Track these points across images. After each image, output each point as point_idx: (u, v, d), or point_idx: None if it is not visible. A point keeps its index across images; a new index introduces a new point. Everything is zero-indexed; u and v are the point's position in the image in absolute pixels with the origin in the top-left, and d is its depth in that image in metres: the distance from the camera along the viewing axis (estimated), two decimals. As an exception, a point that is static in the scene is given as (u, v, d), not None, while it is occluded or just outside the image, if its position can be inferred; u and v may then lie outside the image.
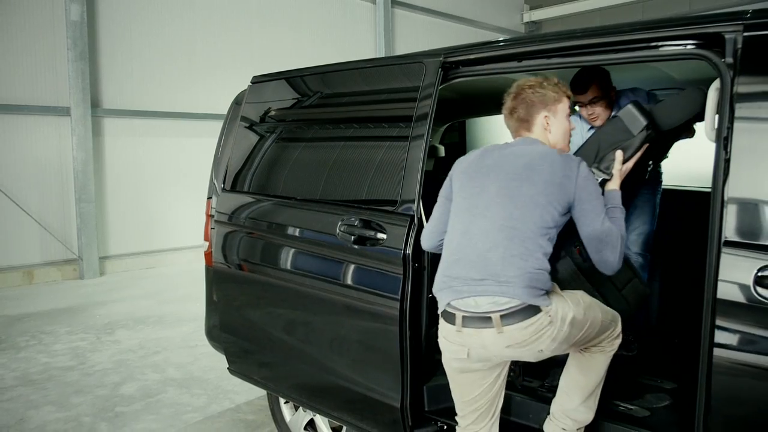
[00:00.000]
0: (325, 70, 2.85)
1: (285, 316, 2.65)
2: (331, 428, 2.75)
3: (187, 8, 8.56)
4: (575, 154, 2.18)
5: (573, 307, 1.88)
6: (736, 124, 1.64)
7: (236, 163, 3.01)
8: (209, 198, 3.11)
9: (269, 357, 2.73)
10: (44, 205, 7.42)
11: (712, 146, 1.75)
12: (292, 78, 3.00)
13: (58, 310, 5.90)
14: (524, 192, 1.84)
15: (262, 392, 3.53)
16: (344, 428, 2.62)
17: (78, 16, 7.36)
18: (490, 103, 3.06)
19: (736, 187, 1.62)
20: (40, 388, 3.86)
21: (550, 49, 2.10)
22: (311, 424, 2.85)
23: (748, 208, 1.61)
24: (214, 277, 2.97)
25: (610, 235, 1.83)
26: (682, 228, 3.27)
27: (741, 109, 1.64)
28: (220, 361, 3.99)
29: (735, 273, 1.60)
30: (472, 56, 2.25)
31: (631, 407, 2.23)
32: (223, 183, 3.02)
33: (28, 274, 7.24)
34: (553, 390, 2.24)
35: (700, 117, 2.31)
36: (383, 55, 10.96)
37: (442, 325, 1.89)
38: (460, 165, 2.03)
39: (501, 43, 2.24)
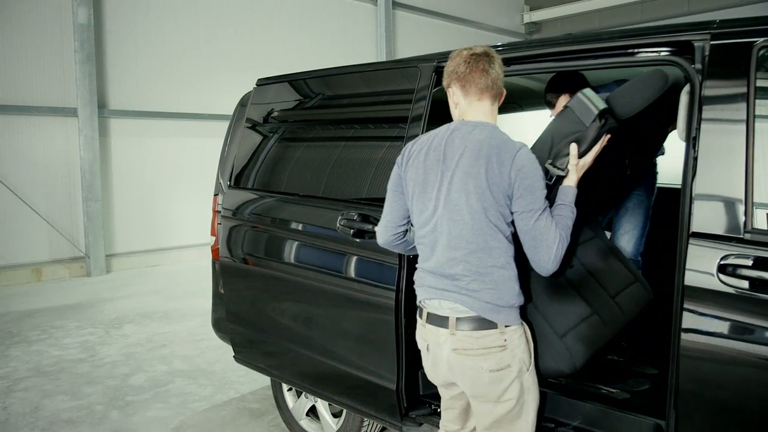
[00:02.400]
0: (327, 74, 3.00)
1: (288, 307, 2.80)
2: (332, 413, 2.90)
3: (191, 11, 8.72)
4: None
5: (531, 374, 1.85)
6: (703, 125, 1.78)
7: (242, 161, 3.16)
8: (216, 195, 3.26)
9: (273, 346, 2.88)
10: (52, 203, 7.58)
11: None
12: (295, 81, 3.15)
13: (66, 306, 6.06)
14: (473, 189, 1.75)
15: (266, 382, 3.68)
16: (344, 412, 2.76)
17: (85, 20, 7.53)
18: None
19: (702, 184, 1.77)
20: (53, 379, 4.01)
21: (536, 55, 2.25)
22: (313, 410, 3.00)
23: (713, 203, 1.76)
24: (221, 271, 3.13)
25: (546, 234, 1.72)
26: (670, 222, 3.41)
27: (707, 111, 1.78)
28: (225, 353, 4.16)
29: (700, 262, 1.75)
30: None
31: (613, 390, 2.37)
32: (230, 180, 3.17)
33: (37, 272, 7.41)
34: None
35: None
36: (384, 56, 11.11)
37: (418, 316, 1.95)
38: (411, 155, 1.92)
39: (494, 49, 2.38)
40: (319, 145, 2.93)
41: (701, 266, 1.75)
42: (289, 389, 3.10)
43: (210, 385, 3.90)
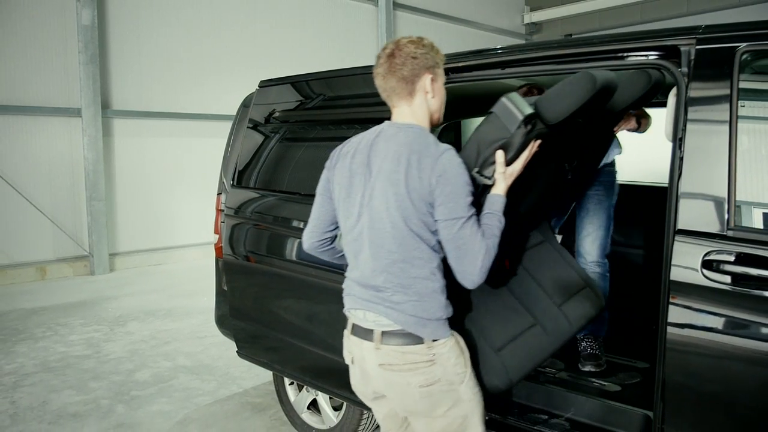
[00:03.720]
0: (328, 75, 3.07)
1: (290, 303, 2.87)
2: (333, 407, 2.97)
3: (193, 13, 8.80)
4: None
5: (468, 386, 1.75)
6: (689, 126, 1.86)
7: (244, 161, 3.24)
8: (219, 194, 3.34)
9: (275, 341, 2.96)
10: (56, 203, 7.67)
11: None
12: (297, 82, 3.22)
13: (71, 304, 6.14)
14: (392, 196, 1.66)
15: (268, 378, 3.75)
16: (345, 405, 2.84)
17: (89, 21, 7.61)
18: (483, 104, 3.28)
19: (687, 183, 1.84)
20: (59, 374, 4.10)
21: (529, 58, 2.32)
22: (314, 403, 3.07)
23: (698, 201, 1.83)
24: (224, 268, 3.20)
25: (470, 244, 1.61)
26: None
27: (692, 113, 1.86)
28: (228, 350, 4.23)
29: (685, 258, 1.82)
30: (459, 64, 2.47)
31: (605, 383, 2.45)
32: (232, 180, 3.25)
33: (41, 270, 7.49)
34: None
35: (637, 105, 2.35)
36: (385, 57, 11.17)
37: (346, 327, 1.86)
38: (336, 159, 1.85)
39: (485, 53, 2.46)
40: (320, 145, 3.01)
41: (686, 262, 1.82)
42: (291, 383, 3.18)
43: (213, 380, 3.98)
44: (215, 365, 4.26)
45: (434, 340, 1.69)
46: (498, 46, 2.50)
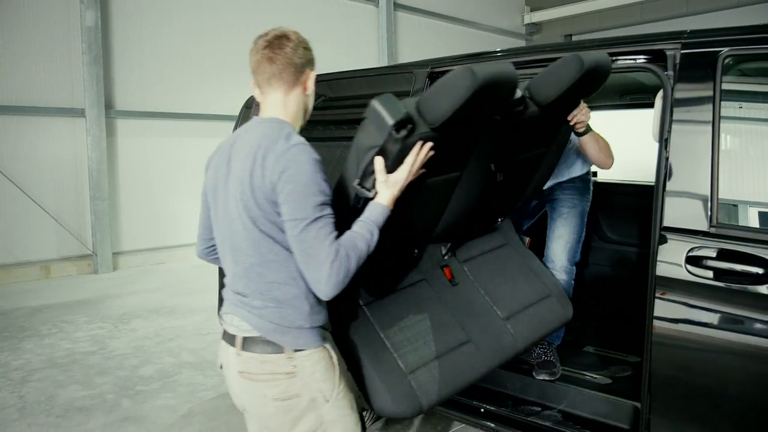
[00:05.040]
0: (330, 78, 3.16)
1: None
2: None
3: (195, 14, 8.88)
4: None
5: (335, 406, 1.61)
6: (674, 126, 1.93)
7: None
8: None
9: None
10: (60, 202, 7.76)
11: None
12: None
13: (75, 302, 6.23)
14: (240, 196, 1.58)
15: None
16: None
17: (92, 22, 7.69)
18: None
19: (672, 182, 1.92)
20: (65, 370, 4.18)
21: (523, 61, 2.40)
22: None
23: (682, 199, 1.91)
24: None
25: (315, 249, 1.47)
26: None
27: (678, 114, 1.93)
28: (231, 345, 4.30)
29: (670, 254, 1.90)
30: (455, 67, 2.54)
31: (596, 376, 2.53)
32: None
33: (45, 269, 7.58)
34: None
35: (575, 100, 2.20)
36: (386, 57, 11.26)
37: None
38: (210, 161, 1.77)
39: (480, 56, 2.54)
40: (321, 144, 3.08)
41: (671, 258, 1.90)
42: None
43: (216, 375, 4.06)
44: (218, 361, 4.33)
45: (297, 351, 1.58)
46: (492, 50, 2.58)
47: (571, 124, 2.36)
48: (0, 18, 7.20)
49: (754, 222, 1.90)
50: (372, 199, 1.65)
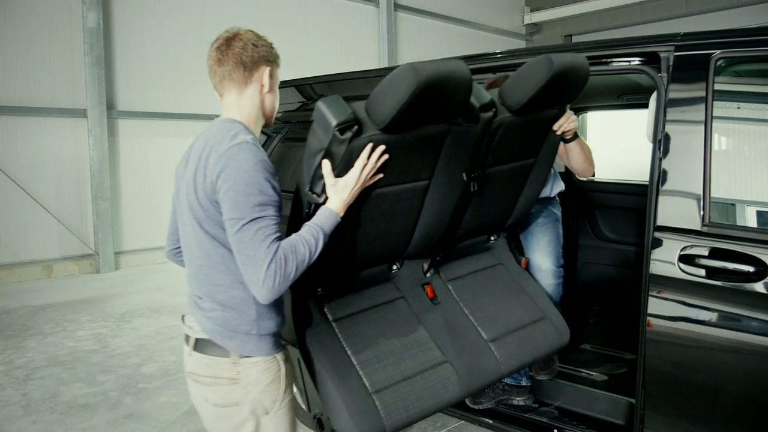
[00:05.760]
0: (329, 79, 3.20)
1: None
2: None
3: (197, 15, 8.93)
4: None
5: (275, 421, 1.58)
6: (668, 127, 1.97)
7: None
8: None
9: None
10: (62, 202, 7.80)
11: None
12: (299, 85, 3.35)
13: (78, 301, 6.27)
14: (186, 196, 1.59)
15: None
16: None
17: (94, 23, 7.74)
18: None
19: (666, 181, 1.96)
20: (68, 368, 4.22)
21: (519, 64, 2.43)
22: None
23: (675, 199, 1.94)
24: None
25: (252, 250, 1.43)
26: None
27: (671, 114, 1.97)
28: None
29: (664, 252, 1.94)
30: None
31: (592, 373, 2.57)
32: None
33: (48, 268, 7.63)
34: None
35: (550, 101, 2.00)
36: (386, 57, 11.30)
37: None
38: (180, 162, 1.73)
39: (476, 59, 2.58)
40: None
41: (664, 256, 1.93)
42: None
43: (218, 374, 4.10)
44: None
45: (244, 357, 1.55)
46: (487, 52, 2.62)
47: (558, 133, 2.24)
48: (2, 19, 7.25)
49: (745, 221, 1.94)
50: (320, 202, 1.61)
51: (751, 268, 1.76)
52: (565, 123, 2.22)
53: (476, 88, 1.84)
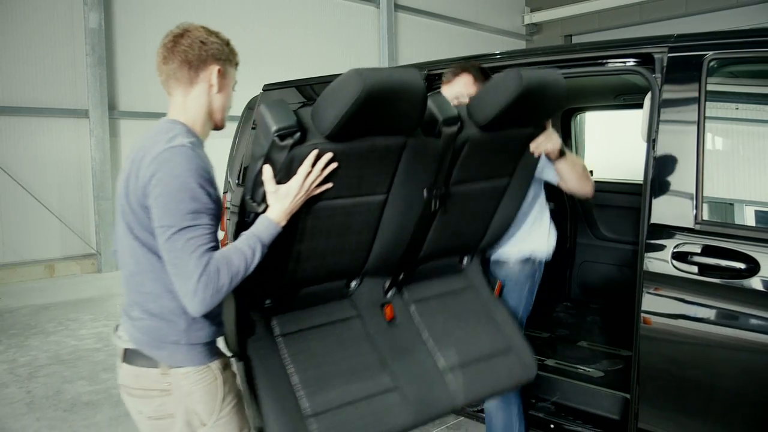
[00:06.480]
0: (329, 80, 3.23)
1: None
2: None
3: (197, 16, 8.96)
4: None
5: (220, 428, 1.51)
6: (661, 127, 2.01)
7: (249, 160, 3.40)
8: (225, 192, 3.50)
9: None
10: (64, 202, 7.85)
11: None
12: (299, 86, 3.39)
13: (80, 300, 6.32)
14: (118, 200, 1.50)
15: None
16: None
17: (96, 24, 7.78)
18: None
19: (660, 180, 1.99)
20: (71, 366, 4.26)
21: (516, 65, 2.47)
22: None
23: (669, 197, 1.98)
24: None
25: (182, 260, 1.35)
26: None
27: (665, 114, 2.01)
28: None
29: (658, 250, 1.97)
30: (446, 70, 2.62)
31: (589, 369, 2.60)
32: (238, 179, 3.41)
33: (50, 268, 7.67)
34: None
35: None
36: (387, 58, 11.34)
37: None
38: None
39: (475, 59, 2.61)
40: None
41: (658, 254, 1.97)
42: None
43: (219, 372, 4.13)
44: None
45: (174, 367, 1.48)
46: (487, 53, 2.65)
47: (535, 154, 2.05)
48: (4, 20, 7.30)
49: (737, 219, 1.97)
50: (260, 211, 1.54)
51: (742, 265, 1.80)
52: (543, 143, 2.03)
53: (440, 101, 1.78)
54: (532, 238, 2.36)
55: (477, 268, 2.25)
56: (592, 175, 2.35)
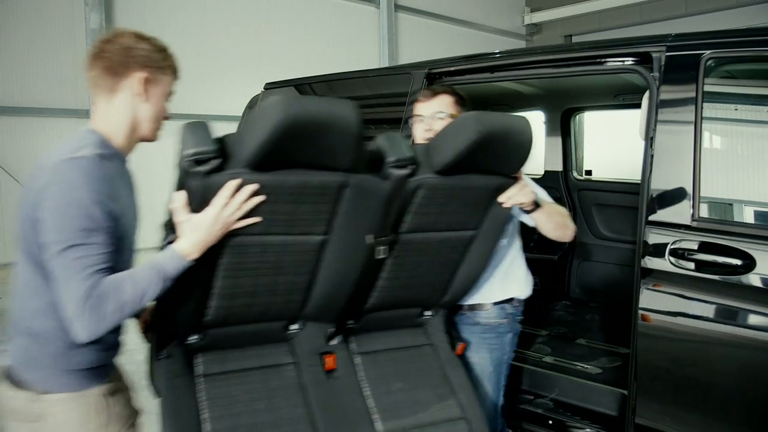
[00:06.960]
0: (330, 78, 3.26)
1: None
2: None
3: (198, 16, 8.99)
4: None
5: None
6: (659, 126, 2.03)
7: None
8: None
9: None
10: (65, 202, 7.86)
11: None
12: (301, 85, 3.41)
13: (81, 299, 6.31)
14: (17, 214, 1.41)
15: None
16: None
17: (97, 24, 7.80)
18: (476, 106, 3.47)
19: (657, 178, 2.01)
20: (73, 364, 4.27)
21: (516, 63, 2.50)
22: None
23: (666, 195, 2.00)
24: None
25: (65, 282, 1.26)
26: None
27: (662, 114, 2.03)
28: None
29: (655, 247, 1.99)
30: (451, 68, 2.65)
31: (587, 366, 2.62)
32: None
33: (51, 267, 7.68)
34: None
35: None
36: (387, 58, 11.36)
37: None
38: None
39: (475, 58, 2.64)
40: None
41: (656, 251, 1.99)
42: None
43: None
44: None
45: (49, 393, 1.36)
46: (487, 52, 2.67)
47: (504, 206, 1.85)
48: (5, 21, 7.32)
49: (733, 216, 1.99)
50: (171, 242, 1.42)
51: (738, 261, 1.82)
52: (516, 195, 1.83)
53: (393, 139, 1.63)
54: (509, 281, 2.18)
55: (439, 323, 2.06)
56: (591, 174, 2.35)
